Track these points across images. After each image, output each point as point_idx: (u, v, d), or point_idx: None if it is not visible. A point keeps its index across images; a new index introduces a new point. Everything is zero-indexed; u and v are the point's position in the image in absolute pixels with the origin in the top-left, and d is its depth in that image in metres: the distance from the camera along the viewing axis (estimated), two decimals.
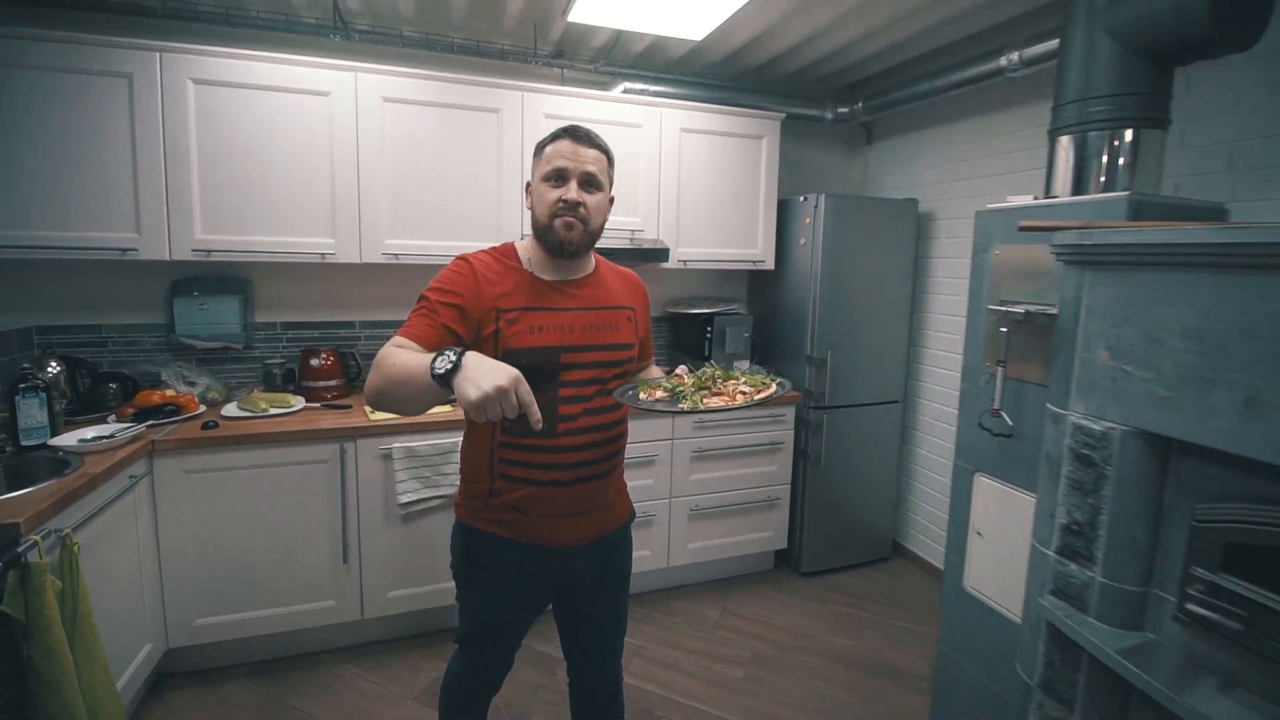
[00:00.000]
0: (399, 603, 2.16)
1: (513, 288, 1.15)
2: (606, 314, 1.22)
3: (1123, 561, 1.12)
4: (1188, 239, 0.98)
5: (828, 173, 3.27)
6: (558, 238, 1.14)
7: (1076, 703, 1.19)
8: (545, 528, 1.19)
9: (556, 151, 1.15)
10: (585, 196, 1.15)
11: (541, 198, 1.16)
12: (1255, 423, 0.92)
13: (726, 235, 2.72)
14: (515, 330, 1.13)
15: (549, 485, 1.16)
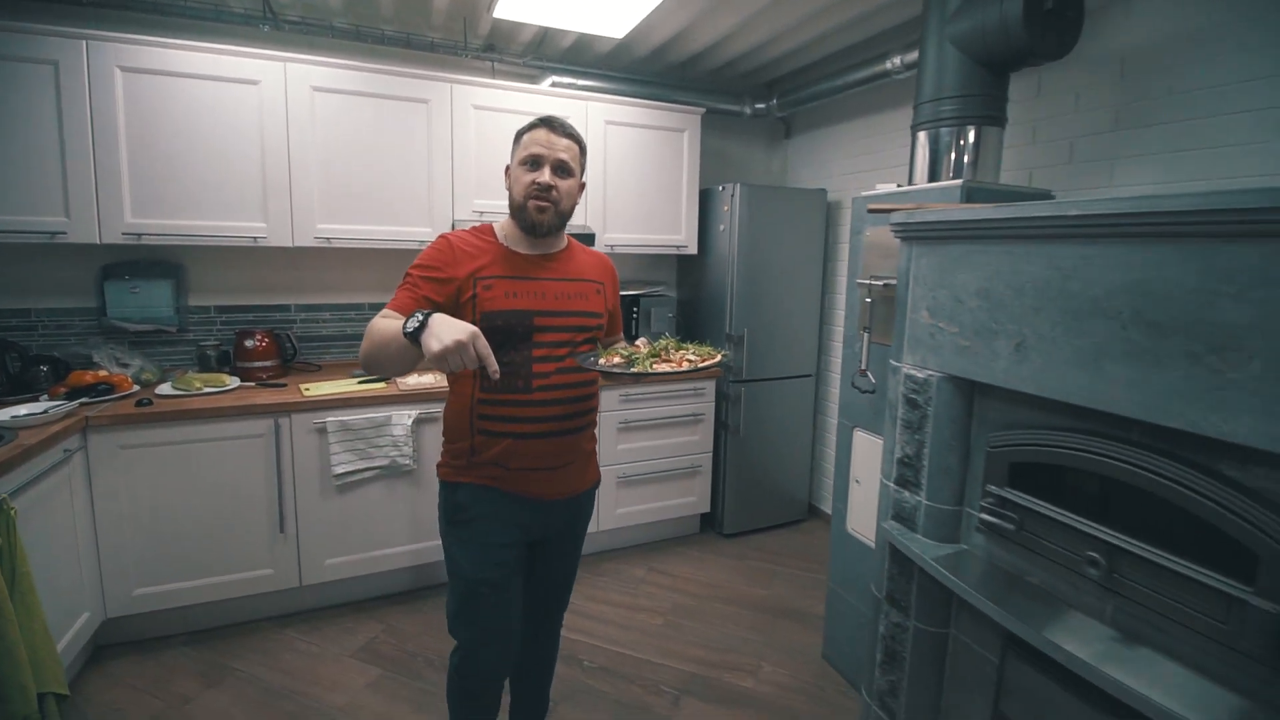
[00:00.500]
0: (336, 569, 2.27)
1: (490, 260, 1.26)
2: (577, 285, 1.34)
3: (940, 486, 1.34)
4: (974, 216, 1.20)
5: (751, 164, 3.49)
6: (530, 218, 1.25)
7: (911, 608, 1.41)
8: (523, 480, 1.29)
9: (533, 139, 1.25)
10: (557, 181, 1.25)
11: (518, 180, 1.26)
12: (1023, 363, 1.14)
13: (651, 222, 2.90)
14: (491, 295, 1.23)
15: (524, 438, 1.26)
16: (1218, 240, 0.86)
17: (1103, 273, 1.00)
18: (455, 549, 1.31)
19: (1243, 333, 0.84)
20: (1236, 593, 0.88)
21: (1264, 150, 1.57)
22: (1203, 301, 0.88)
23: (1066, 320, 1.06)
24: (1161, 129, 1.78)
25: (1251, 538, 0.87)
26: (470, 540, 1.29)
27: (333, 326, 2.74)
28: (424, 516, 2.38)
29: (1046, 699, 1.16)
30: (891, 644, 1.46)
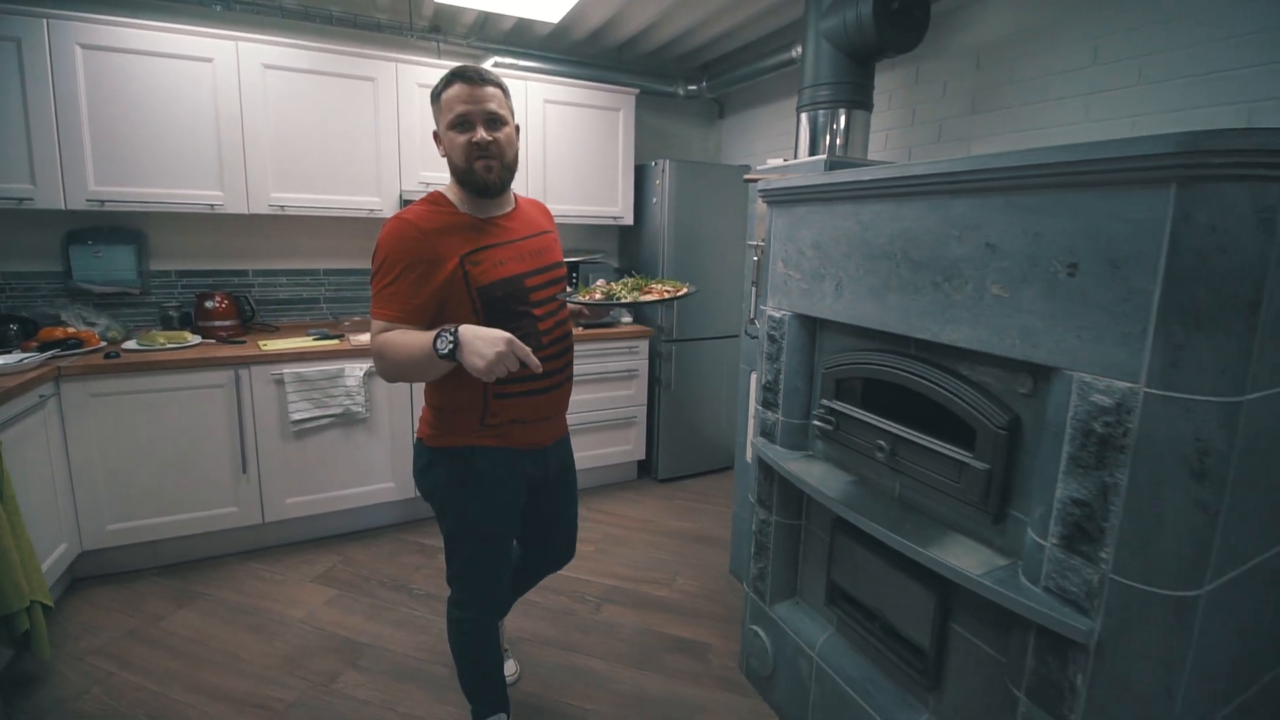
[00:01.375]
0: (296, 508, 2.51)
1: (464, 233, 1.22)
2: (540, 239, 1.35)
3: (792, 404, 1.65)
4: (807, 183, 1.49)
5: (689, 142, 3.75)
6: (480, 179, 1.21)
7: (774, 506, 1.73)
8: (533, 432, 1.35)
9: (454, 97, 1.18)
10: (494, 134, 1.20)
11: (453, 144, 1.20)
12: (840, 299, 1.44)
13: (590, 194, 3.15)
14: (482, 269, 1.21)
15: (539, 393, 1.32)
16: (947, 196, 1.16)
17: (886, 224, 1.30)
18: (469, 508, 1.32)
19: (962, 265, 1.14)
20: (964, 459, 1.19)
21: (1078, 131, 1.89)
22: (940, 242, 1.18)
23: (864, 263, 1.36)
24: (1005, 112, 2.09)
25: (972, 417, 1.18)
26: (484, 498, 1.31)
27: (289, 290, 2.93)
28: (377, 461, 2.62)
29: (858, 562, 1.48)
30: (761, 537, 1.77)
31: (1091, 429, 0.95)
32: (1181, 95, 1.64)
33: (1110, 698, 0.97)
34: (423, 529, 2.78)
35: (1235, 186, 0.81)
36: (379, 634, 2.07)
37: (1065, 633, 0.99)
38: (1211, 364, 0.85)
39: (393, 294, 1.19)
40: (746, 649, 1.89)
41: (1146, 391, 0.89)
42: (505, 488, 1.34)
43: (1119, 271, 0.91)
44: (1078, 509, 0.98)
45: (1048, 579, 1.03)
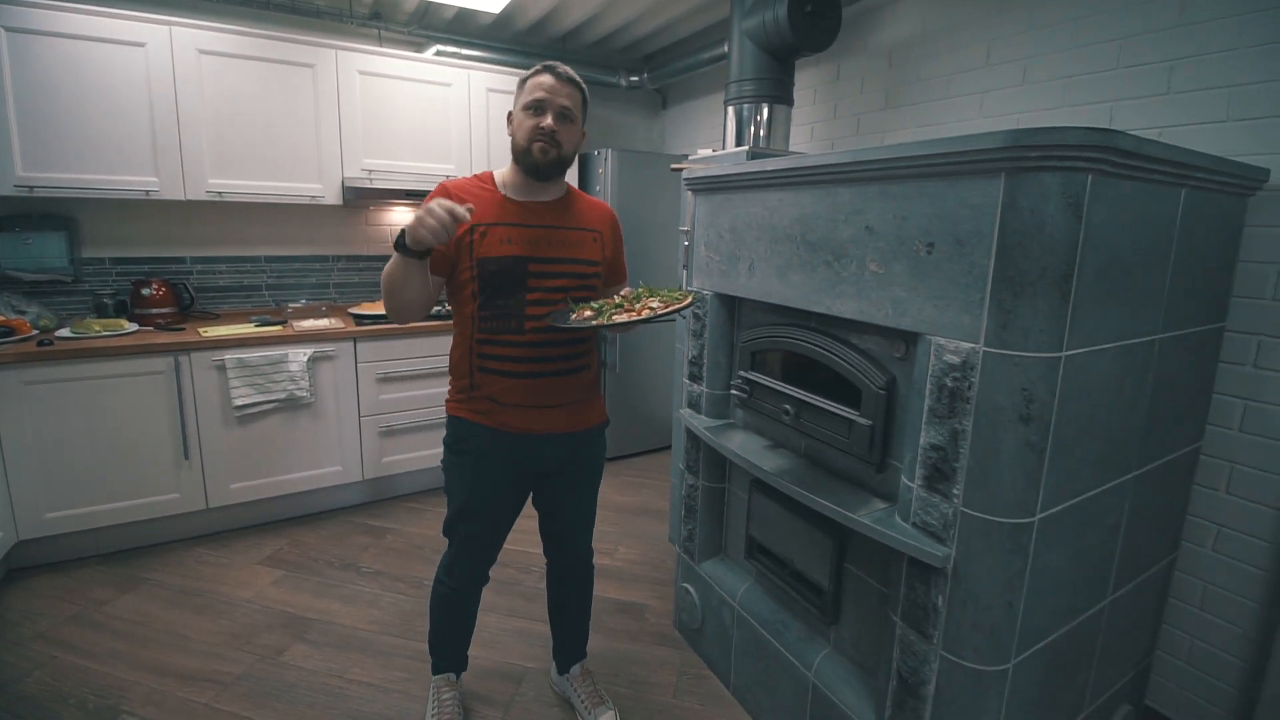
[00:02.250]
0: (241, 493, 2.52)
1: (485, 206, 1.32)
2: (572, 233, 1.39)
3: (714, 376, 1.78)
4: (724, 172, 1.61)
5: (634, 132, 3.85)
6: (534, 159, 1.30)
7: (700, 471, 1.87)
8: (518, 416, 1.37)
9: (537, 84, 1.29)
10: (560, 127, 1.30)
11: (521, 125, 1.31)
12: (753, 278, 1.58)
13: None
14: (486, 242, 1.30)
15: (517, 377, 1.35)
16: (834, 184, 1.30)
17: (788, 209, 1.44)
18: (452, 475, 1.44)
19: (847, 245, 1.29)
20: (851, 416, 1.35)
21: (973, 126, 2.07)
22: (831, 226, 1.32)
23: (771, 245, 1.49)
24: (913, 108, 2.27)
25: (858, 379, 1.33)
26: (464, 467, 1.40)
27: (229, 278, 2.91)
28: (323, 445, 2.65)
29: (770, 515, 1.64)
30: (689, 501, 1.91)
31: (944, 384, 1.11)
32: (1059, 94, 1.84)
33: (964, 614, 1.14)
34: (372, 511, 2.83)
35: (1050, 176, 0.97)
36: (327, 609, 2.13)
37: (928, 560, 1.15)
38: (1034, 326, 1.02)
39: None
40: (678, 605, 2.03)
41: (985, 350, 1.05)
42: (483, 464, 1.39)
43: (963, 249, 1.06)
44: (935, 453, 1.14)
45: (915, 516, 1.19)
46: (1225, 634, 1.58)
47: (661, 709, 1.76)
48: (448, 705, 1.63)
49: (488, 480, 1.41)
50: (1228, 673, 1.58)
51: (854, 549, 1.43)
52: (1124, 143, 0.96)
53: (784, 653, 1.58)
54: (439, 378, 2.87)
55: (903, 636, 1.24)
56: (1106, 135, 0.94)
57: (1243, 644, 1.55)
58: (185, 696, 1.73)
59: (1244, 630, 1.55)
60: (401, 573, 2.36)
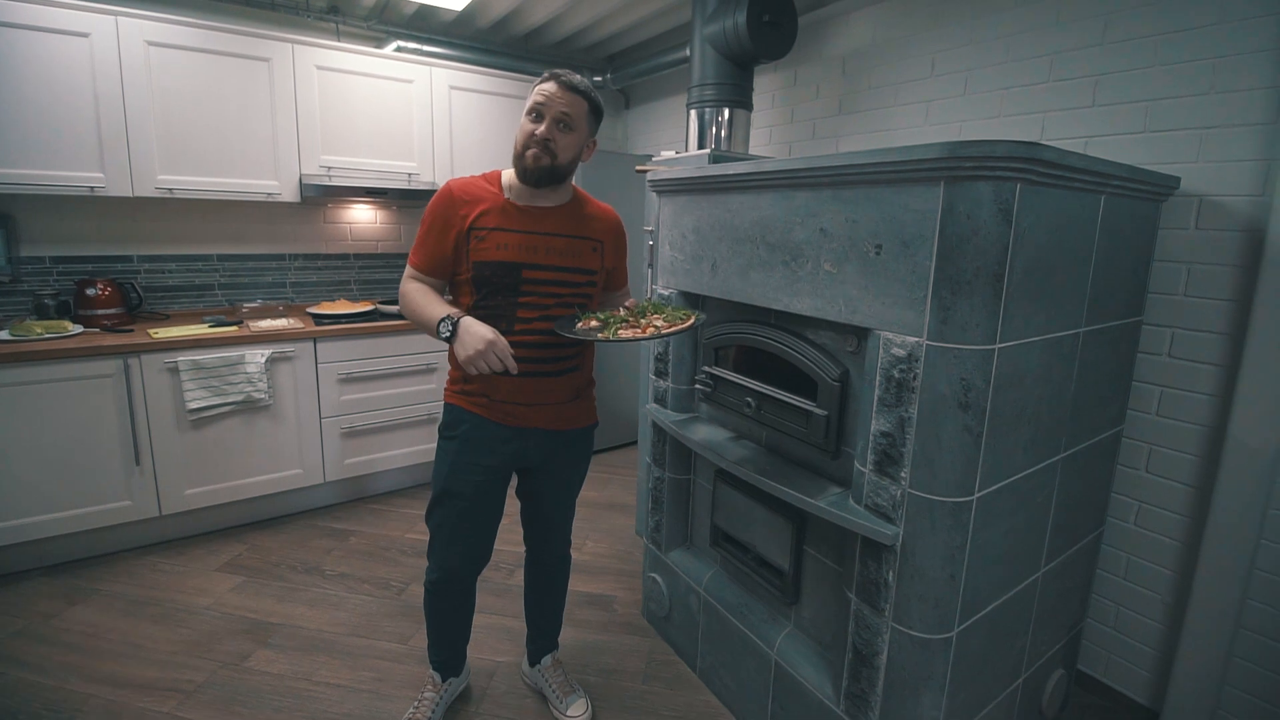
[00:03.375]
0: (196, 499, 2.46)
1: (486, 209, 1.34)
2: (571, 241, 1.41)
3: (680, 372, 1.84)
4: (687, 175, 1.67)
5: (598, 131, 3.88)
6: (525, 165, 1.32)
7: (666, 463, 1.92)
8: (508, 410, 1.42)
9: (541, 90, 1.31)
10: (557, 134, 1.30)
11: (521, 130, 1.33)
12: (716, 277, 1.64)
13: None
14: (483, 246, 1.33)
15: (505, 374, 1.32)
16: (791, 189, 1.37)
17: (748, 212, 1.51)
18: (439, 457, 1.47)
19: (803, 246, 1.36)
20: (808, 407, 1.43)
21: (919, 133, 2.19)
22: (788, 228, 1.40)
23: (733, 246, 1.56)
24: (865, 114, 2.38)
25: (813, 372, 1.41)
26: (451, 453, 1.43)
27: (179, 277, 2.82)
28: (282, 448, 2.60)
29: (734, 504, 1.71)
30: (656, 493, 1.97)
31: (892, 375, 1.19)
32: (997, 104, 1.96)
33: (911, 588, 1.23)
34: (335, 514, 2.79)
35: (983, 185, 1.07)
36: (291, 614, 2.11)
37: (879, 539, 1.24)
38: (970, 320, 1.11)
39: (420, 245, 1.39)
40: (646, 595, 2.09)
41: (928, 344, 1.14)
42: (471, 450, 1.42)
43: (908, 250, 1.15)
44: (885, 439, 1.22)
45: (867, 498, 1.28)
46: (1146, 600, 1.73)
47: (631, 695, 1.81)
48: (424, 705, 1.63)
49: (469, 463, 1.43)
50: (1149, 635, 1.73)
51: (812, 532, 1.51)
52: (1047, 154, 1.05)
53: (748, 634, 1.65)
54: (403, 377, 2.85)
55: (857, 611, 1.33)
56: (1031, 148, 1.03)
57: (1160, 609, 1.70)
58: (145, 707, 1.69)
59: (1161, 596, 1.70)
60: (367, 574, 2.35)
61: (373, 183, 2.82)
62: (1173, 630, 1.68)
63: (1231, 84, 1.49)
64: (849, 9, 2.35)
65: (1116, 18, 1.67)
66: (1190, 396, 1.61)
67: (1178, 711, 1.62)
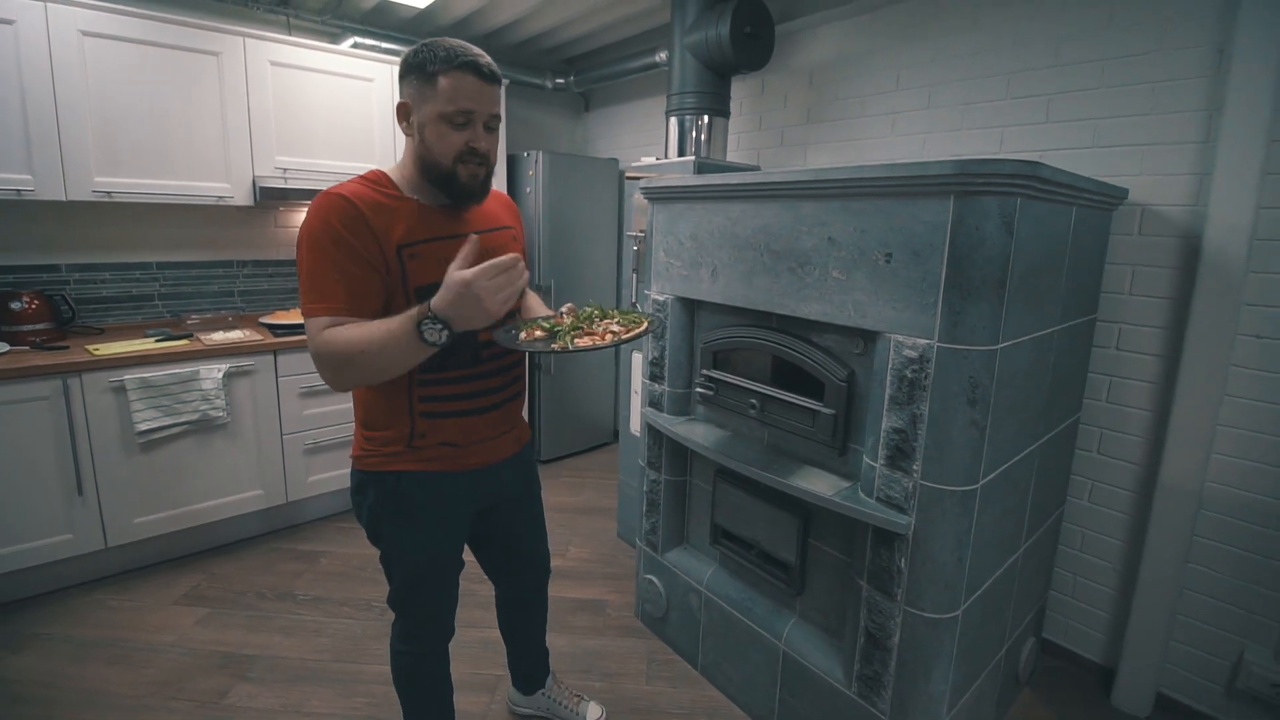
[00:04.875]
0: (146, 528, 2.27)
1: (407, 222, 1.06)
2: (496, 235, 1.19)
3: (676, 376, 1.88)
4: (685, 184, 1.71)
5: (557, 133, 3.85)
6: (463, 184, 1.07)
7: (662, 466, 1.95)
8: (476, 452, 1.22)
9: (460, 89, 1.01)
10: (489, 136, 1.07)
11: (443, 139, 1.04)
12: (716, 283, 1.69)
13: None
14: (421, 266, 1.06)
15: (478, 413, 1.19)
16: (797, 199, 1.43)
17: (750, 220, 1.56)
18: (398, 536, 1.21)
19: (811, 254, 1.42)
20: (815, 407, 1.49)
21: (884, 143, 2.32)
22: (794, 236, 1.46)
23: (735, 252, 1.61)
24: (833, 124, 2.49)
25: (820, 374, 1.48)
26: (416, 528, 1.20)
27: (115, 287, 2.59)
28: (241, 468, 2.45)
29: (736, 503, 1.76)
30: (652, 496, 2.00)
31: (905, 375, 1.27)
32: (958, 118, 2.11)
33: (923, 573, 1.31)
34: (300, 535, 2.65)
35: (990, 199, 1.16)
36: (267, 644, 1.99)
37: (892, 529, 1.31)
38: (978, 324, 1.20)
39: (334, 280, 1.00)
40: (641, 596, 2.11)
41: (939, 346, 1.22)
42: (440, 516, 1.22)
43: (919, 259, 1.23)
44: (897, 435, 1.30)
45: (878, 491, 1.36)
46: (1099, 570, 1.91)
47: (636, 696, 1.83)
48: None
49: (442, 533, 1.23)
50: (1102, 600, 1.91)
51: (817, 525, 1.58)
52: (1045, 172, 1.16)
53: (753, 627, 1.71)
54: None
55: (869, 598, 1.41)
56: (1033, 166, 1.13)
57: (1112, 576, 1.89)
58: None
59: (1112, 564, 1.89)
60: (345, 596, 2.25)
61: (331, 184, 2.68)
62: (1123, 595, 1.87)
63: (1169, 106, 1.67)
64: (816, 23, 2.45)
65: (1067, 43, 1.84)
66: (1135, 384, 1.80)
67: (1133, 665, 1.81)
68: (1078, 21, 1.82)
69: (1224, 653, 1.71)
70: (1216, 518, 1.69)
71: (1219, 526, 1.69)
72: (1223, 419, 1.65)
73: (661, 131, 3.28)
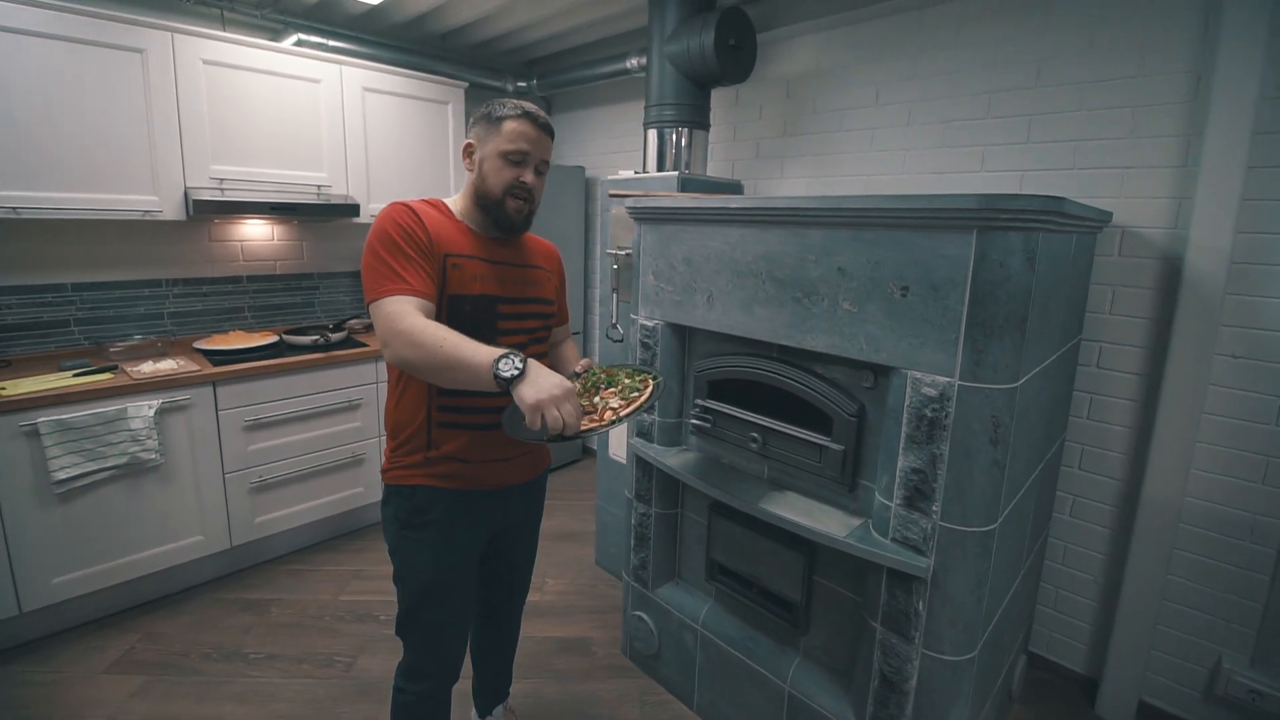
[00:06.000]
0: (67, 588, 2.00)
1: (458, 237, 1.21)
2: (530, 271, 1.32)
3: (667, 405, 1.79)
4: (680, 205, 1.61)
5: None
6: (509, 216, 1.22)
7: (652, 499, 1.86)
8: (486, 472, 1.25)
9: (519, 133, 1.18)
10: (537, 179, 1.23)
11: (498, 172, 1.19)
12: (712, 310, 1.60)
13: (420, 192, 2.94)
14: (460, 277, 1.18)
15: (486, 429, 1.22)
16: (804, 227, 1.36)
17: (751, 246, 1.48)
18: (411, 553, 1.25)
19: (819, 284, 1.36)
20: (823, 442, 1.43)
21: (865, 158, 2.29)
22: (800, 265, 1.39)
23: (734, 279, 1.53)
24: (810, 137, 2.45)
25: (828, 407, 1.42)
26: (429, 544, 1.24)
27: (20, 314, 2.28)
28: (177, 513, 2.20)
29: (735, 539, 1.68)
30: (641, 530, 1.90)
31: (924, 414, 1.22)
32: (939, 135, 2.10)
33: (942, 615, 1.27)
34: (246, 582, 2.41)
35: (1015, 235, 1.12)
36: (218, 715, 1.78)
37: (911, 571, 1.27)
38: (1000, 361, 1.16)
39: (402, 267, 1.11)
40: (630, 634, 2.01)
41: (960, 384, 1.18)
42: (451, 534, 1.25)
43: (938, 294, 1.18)
44: (916, 475, 1.25)
45: (894, 531, 1.30)
46: (1080, 582, 1.95)
47: None
48: None
49: (456, 552, 1.26)
50: (1084, 613, 1.95)
51: (823, 562, 1.53)
52: (1069, 207, 1.13)
53: (755, 667, 1.64)
54: (320, 418, 2.52)
55: (883, 640, 1.36)
56: (1058, 202, 1.10)
57: (1094, 588, 1.92)
58: None
59: (1094, 577, 1.92)
60: (302, 651, 2.05)
61: (276, 196, 2.45)
62: (1104, 606, 1.90)
63: (1149, 130, 1.70)
64: (794, 34, 2.41)
65: (1048, 64, 1.85)
66: (1116, 402, 1.83)
67: (1116, 674, 1.84)
68: (1059, 43, 1.83)
69: (1202, 660, 1.76)
70: (1195, 531, 1.74)
71: (1197, 539, 1.74)
72: (1201, 436, 1.69)
73: (631, 138, 3.20)
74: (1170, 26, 1.66)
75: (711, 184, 2.16)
